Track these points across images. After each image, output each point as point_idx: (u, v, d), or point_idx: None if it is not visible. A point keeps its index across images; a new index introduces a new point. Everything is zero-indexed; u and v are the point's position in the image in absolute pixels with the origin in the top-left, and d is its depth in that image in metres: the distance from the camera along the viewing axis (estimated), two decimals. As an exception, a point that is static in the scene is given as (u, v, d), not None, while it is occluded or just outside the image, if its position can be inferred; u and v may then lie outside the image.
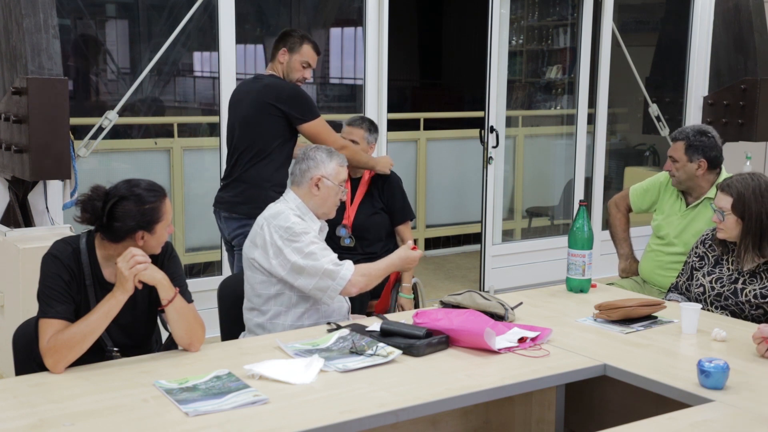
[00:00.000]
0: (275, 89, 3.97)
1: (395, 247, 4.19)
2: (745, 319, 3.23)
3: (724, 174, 3.98)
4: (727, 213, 3.25)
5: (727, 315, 3.26)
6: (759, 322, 3.20)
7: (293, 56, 4.02)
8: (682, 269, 3.53)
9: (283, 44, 4.03)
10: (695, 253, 3.47)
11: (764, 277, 3.21)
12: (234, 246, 4.04)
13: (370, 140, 4.26)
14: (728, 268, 3.31)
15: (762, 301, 3.19)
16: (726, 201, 3.26)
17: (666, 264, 4.02)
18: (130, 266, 2.50)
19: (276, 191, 3.83)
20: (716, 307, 3.30)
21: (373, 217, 4.19)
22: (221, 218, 4.09)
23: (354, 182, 4.24)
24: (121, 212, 2.55)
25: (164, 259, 2.71)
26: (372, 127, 4.28)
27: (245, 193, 3.97)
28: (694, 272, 3.43)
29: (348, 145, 4.04)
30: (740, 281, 3.26)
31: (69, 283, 2.56)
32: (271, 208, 3.17)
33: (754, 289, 3.21)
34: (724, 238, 3.31)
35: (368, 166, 4.19)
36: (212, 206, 4.14)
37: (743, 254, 3.25)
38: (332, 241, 3.98)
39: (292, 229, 3.05)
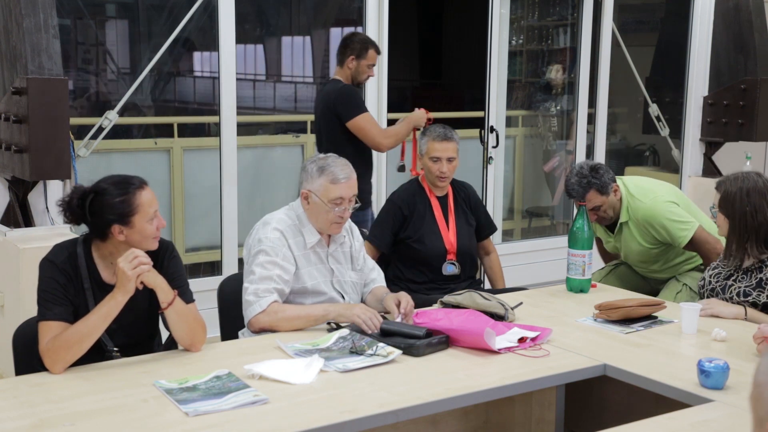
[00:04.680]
0: (329, 96, 4.51)
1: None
2: None
3: (623, 187, 3.87)
4: (716, 210, 3.29)
5: None
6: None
7: (360, 62, 4.54)
8: None
9: (351, 52, 4.54)
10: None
11: (753, 275, 3.21)
12: None
13: None
14: (728, 264, 3.32)
15: (743, 299, 3.18)
16: (716, 198, 3.30)
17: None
18: (134, 266, 2.49)
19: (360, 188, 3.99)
20: None
21: (474, 238, 3.94)
22: None
23: (442, 202, 3.87)
24: (95, 208, 2.57)
25: (164, 258, 2.71)
26: None
27: None
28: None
29: (387, 135, 4.48)
30: (732, 277, 3.26)
31: (65, 285, 2.56)
32: (268, 215, 3.13)
33: (739, 287, 3.21)
34: (721, 235, 3.34)
35: (408, 131, 4.50)
36: None
37: (733, 252, 3.26)
38: (433, 272, 3.80)
39: (261, 243, 2.99)
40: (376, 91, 5.42)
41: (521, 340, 2.80)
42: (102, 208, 2.56)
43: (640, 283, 4.10)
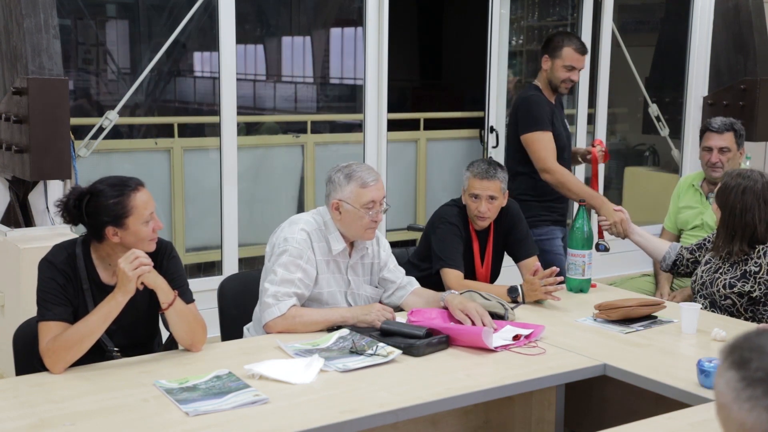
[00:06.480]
0: (515, 103, 4.18)
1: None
2: (720, 310, 3.24)
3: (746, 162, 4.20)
4: (713, 199, 3.33)
5: (707, 306, 3.27)
6: (730, 314, 3.21)
7: (555, 61, 4.06)
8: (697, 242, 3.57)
9: (545, 50, 4.09)
10: (708, 239, 3.50)
11: (739, 267, 3.22)
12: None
13: None
14: (720, 257, 3.33)
15: (729, 291, 3.20)
16: (717, 187, 3.34)
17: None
18: (135, 267, 2.49)
19: (539, 200, 4.03)
20: (701, 296, 3.31)
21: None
22: None
23: (481, 237, 3.59)
24: (90, 209, 2.57)
25: (163, 259, 2.71)
26: None
27: (522, 206, 3.75)
28: (698, 260, 3.47)
29: (553, 170, 3.90)
30: (720, 270, 3.28)
31: (64, 286, 2.56)
32: (295, 216, 3.09)
33: (725, 279, 3.22)
34: (716, 224, 3.38)
35: (579, 195, 3.85)
36: None
37: (720, 242, 3.28)
38: None
39: (287, 242, 2.96)
40: (376, 91, 5.42)
41: (515, 337, 2.81)
42: (97, 210, 2.56)
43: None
